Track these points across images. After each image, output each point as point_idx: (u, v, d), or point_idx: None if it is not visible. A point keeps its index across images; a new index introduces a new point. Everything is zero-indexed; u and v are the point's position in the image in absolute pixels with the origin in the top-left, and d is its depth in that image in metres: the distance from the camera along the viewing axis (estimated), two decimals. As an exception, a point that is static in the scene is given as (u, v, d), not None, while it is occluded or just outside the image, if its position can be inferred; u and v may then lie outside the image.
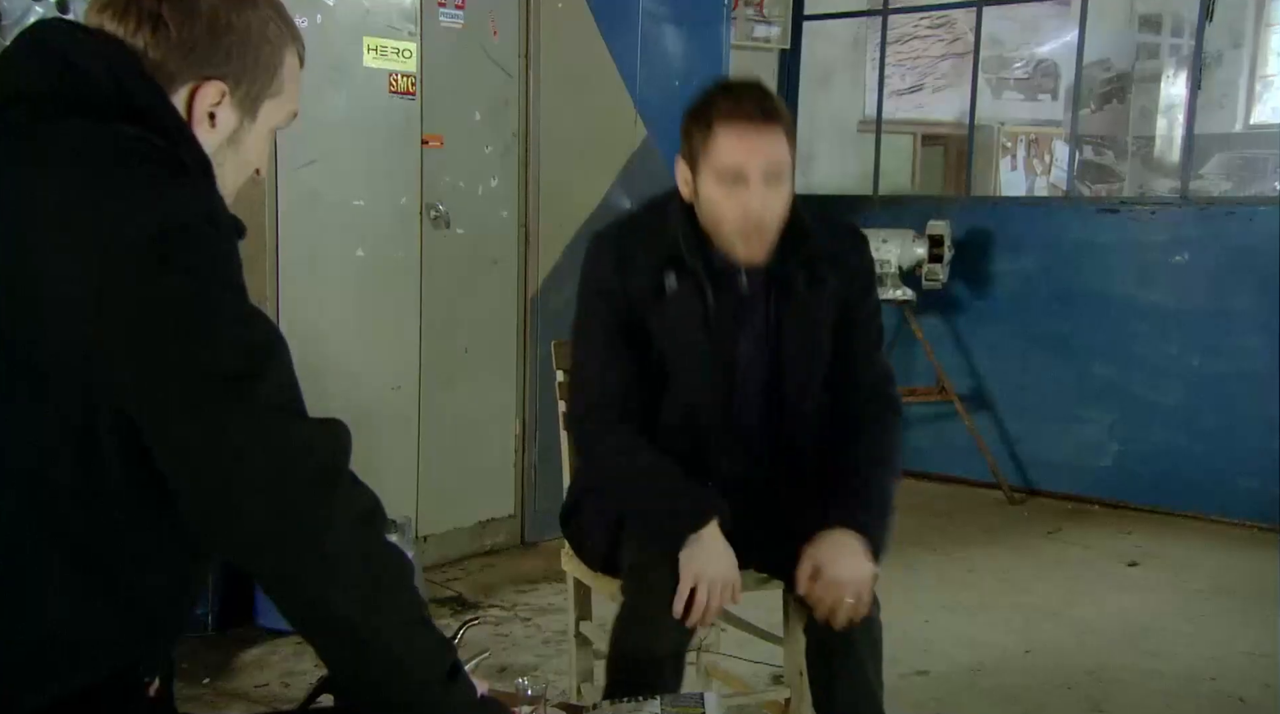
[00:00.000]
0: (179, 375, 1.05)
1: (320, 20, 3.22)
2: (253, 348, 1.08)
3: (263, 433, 1.07)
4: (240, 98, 1.21)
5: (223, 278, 1.09)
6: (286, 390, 1.11)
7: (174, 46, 1.16)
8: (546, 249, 3.90)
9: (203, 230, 1.08)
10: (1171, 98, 6.46)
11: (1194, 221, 4.42)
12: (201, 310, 1.06)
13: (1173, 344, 4.44)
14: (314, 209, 3.30)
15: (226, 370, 1.06)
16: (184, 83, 1.18)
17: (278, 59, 1.23)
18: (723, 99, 1.91)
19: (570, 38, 3.85)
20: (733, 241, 1.95)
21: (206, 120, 1.19)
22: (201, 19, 1.17)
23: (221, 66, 1.19)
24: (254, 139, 1.25)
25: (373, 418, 3.48)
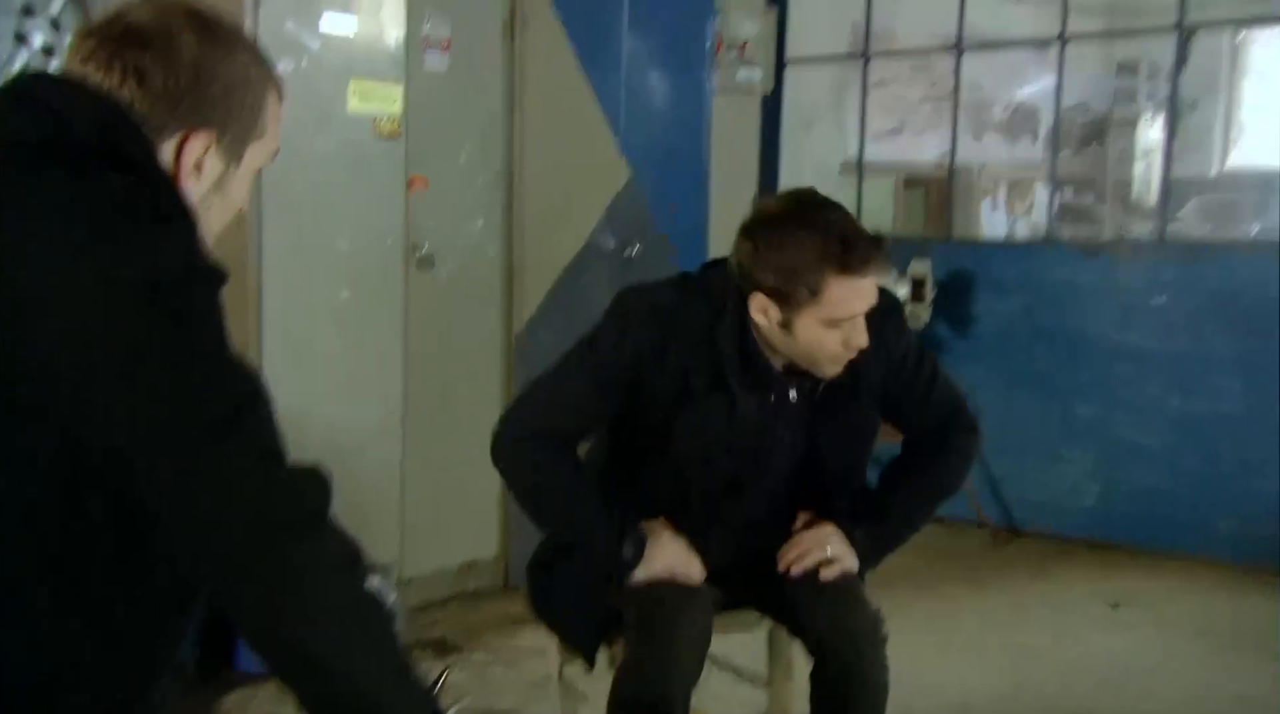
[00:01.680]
0: (165, 421, 1.05)
1: (305, 65, 3.24)
2: (236, 394, 1.09)
3: (245, 477, 1.07)
4: (226, 144, 1.23)
5: (207, 326, 1.10)
6: (269, 437, 1.11)
7: (159, 98, 1.17)
8: (532, 289, 3.91)
9: (187, 280, 1.09)
10: (1149, 141, 6.53)
11: (1172, 264, 4.47)
12: (187, 357, 1.07)
13: (1153, 385, 4.47)
14: (298, 252, 3.30)
15: (211, 415, 1.06)
16: (172, 133, 1.19)
17: (260, 103, 1.25)
18: (839, 252, 1.84)
19: (555, 80, 3.89)
20: (824, 368, 1.95)
21: (194, 169, 1.21)
22: (186, 70, 1.18)
23: (207, 116, 1.20)
24: (239, 182, 1.27)
25: (356, 459, 3.47)
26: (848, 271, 1.84)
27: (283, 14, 3.18)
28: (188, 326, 1.08)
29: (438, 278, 3.64)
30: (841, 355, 1.92)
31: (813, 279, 1.85)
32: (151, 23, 1.19)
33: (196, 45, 1.19)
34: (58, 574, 1.09)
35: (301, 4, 3.22)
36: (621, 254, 4.12)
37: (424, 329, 3.62)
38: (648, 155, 4.16)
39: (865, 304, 1.88)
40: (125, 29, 1.18)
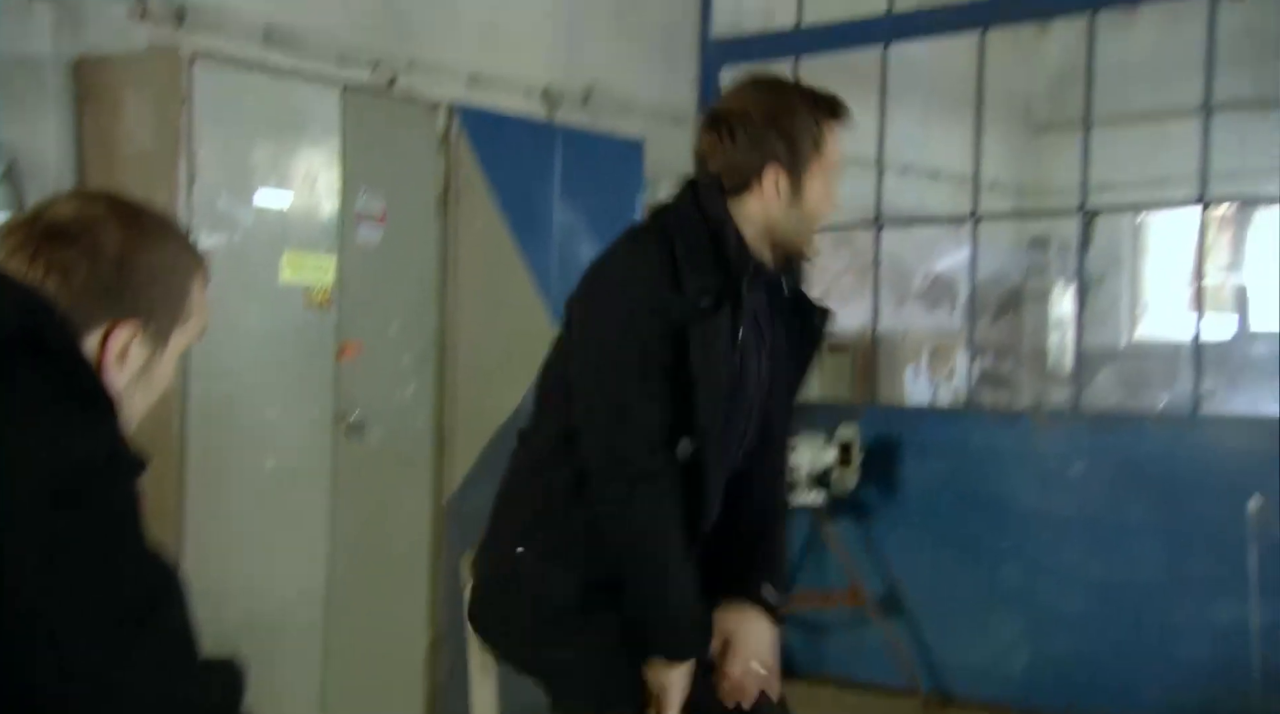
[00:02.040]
0: (71, 618, 1.04)
1: (238, 239, 3.30)
2: (148, 590, 1.08)
3: (152, 679, 1.05)
4: (151, 333, 1.24)
5: (123, 519, 1.09)
6: (180, 633, 1.10)
7: (83, 293, 1.19)
8: (462, 455, 3.92)
9: (105, 472, 1.09)
10: (1062, 312, 6.82)
11: (1086, 433, 4.60)
12: (98, 552, 1.06)
13: (1075, 552, 4.54)
14: (224, 421, 3.29)
15: (118, 614, 1.05)
16: (96, 326, 1.20)
17: (186, 289, 1.27)
18: (824, 101, 1.91)
19: (488, 250, 3.98)
20: (811, 241, 1.95)
21: (119, 358, 1.22)
22: (109, 264, 1.20)
23: (132, 307, 1.22)
24: (164, 366, 1.28)
25: (277, 632, 3.39)
26: (836, 116, 1.91)
27: (216, 189, 3.25)
28: (102, 520, 1.07)
29: (367, 445, 3.63)
30: (829, 215, 1.95)
31: (816, 131, 1.87)
32: (75, 217, 1.21)
33: (120, 239, 1.21)
34: None
35: (235, 179, 3.29)
36: (552, 419, 4.15)
37: (352, 497, 3.59)
38: (579, 322, 4.24)
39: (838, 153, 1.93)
40: (48, 225, 1.20)
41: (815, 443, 4.77)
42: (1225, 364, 5.84)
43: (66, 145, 3.35)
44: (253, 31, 3.81)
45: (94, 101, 3.36)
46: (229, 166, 3.28)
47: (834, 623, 4.97)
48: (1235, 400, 5.73)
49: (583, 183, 4.26)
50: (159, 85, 3.23)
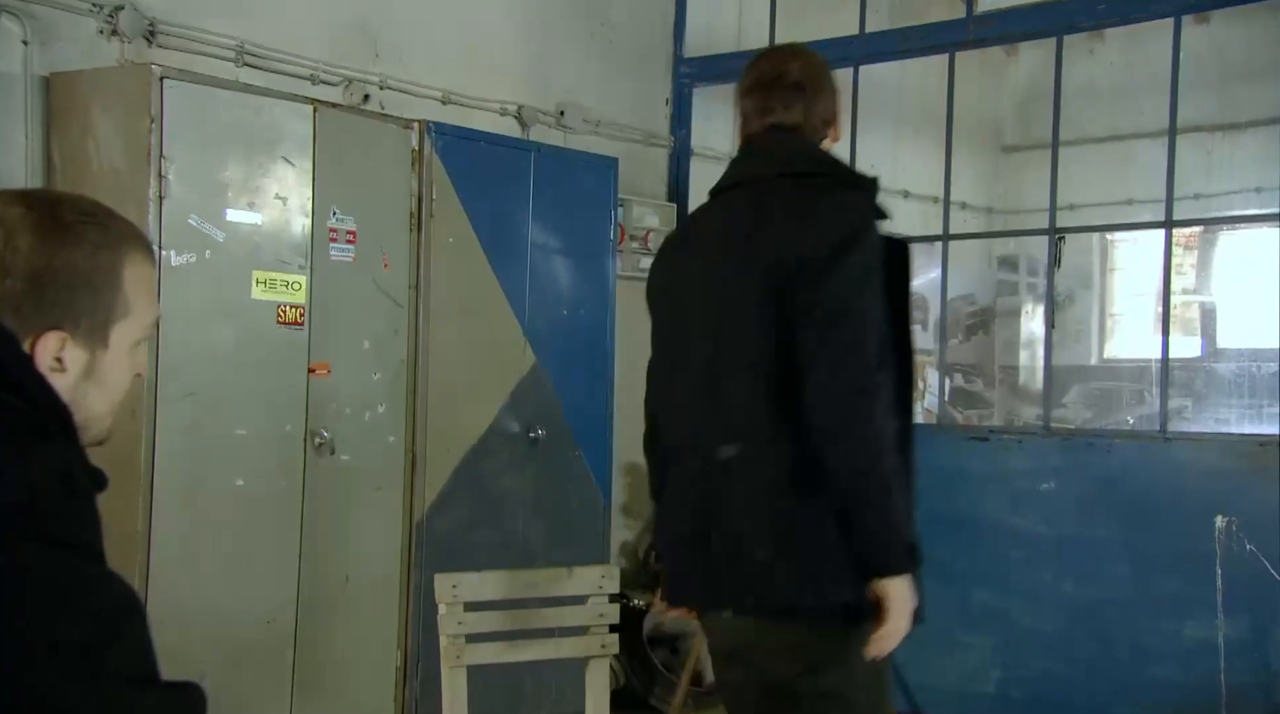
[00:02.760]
0: (20, 649, 1.02)
1: (209, 256, 3.28)
2: (103, 617, 1.07)
3: (106, 705, 1.04)
4: (84, 336, 1.19)
5: (74, 544, 1.07)
6: (136, 658, 1.08)
7: (1, 307, 1.14)
8: (433, 475, 3.90)
9: (58, 496, 1.07)
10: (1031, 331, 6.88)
11: (1057, 451, 4.63)
12: (48, 581, 1.04)
13: (1046, 571, 4.56)
14: (193, 439, 3.26)
15: (71, 643, 1.04)
16: (23, 338, 1.16)
17: (114, 284, 1.21)
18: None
19: (460, 269, 3.97)
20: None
21: (55, 366, 1.17)
22: (21, 276, 1.15)
23: (52, 317, 1.17)
24: (112, 363, 1.23)
25: (246, 653, 3.35)
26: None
27: (187, 206, 3.23)
28: (53, 548, 1.05)
29: (338, 464, 3.61)
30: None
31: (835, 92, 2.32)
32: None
33: (32, 246, 1.16)
34: None
35: (206, 197, 3.27)
36: (527, 436, 4.15)
37: (322, 516, 3.57)
38: (553, 339, 4.24)
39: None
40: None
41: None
42: (1193, 383, 5.91)
43: (36, 161, 3.32)
44: (224, 49, 3.80)
45: (64, 118, 3.34)
46: (200, 184, 3.26)
47: (807, 642, 4.97)
48: (1203, 419, 5.79)
49: (556, 201, 4.27)
50: (129, 102, 3.21)
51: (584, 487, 4.33)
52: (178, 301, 3.21)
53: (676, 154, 5.51)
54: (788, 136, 2.24)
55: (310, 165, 3.51)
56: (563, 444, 4.26)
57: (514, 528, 4.11)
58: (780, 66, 2.28)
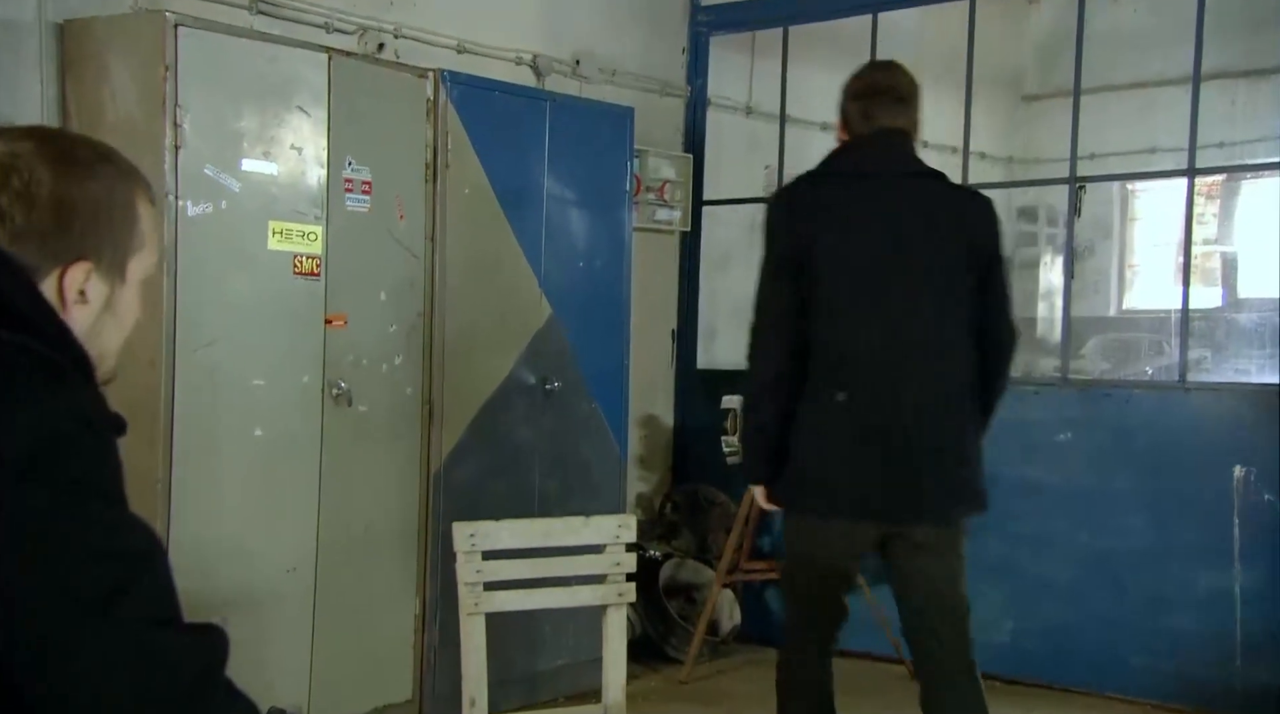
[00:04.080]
0: (42, 591, 1.03)
1: (225, 206, 3.27)
2: (123, 560, 1.07)
3: (127, 648, 1.05)
4: (106, 267, 1.21)
5: (94, 487, 1.08)
6: (158, 600, 1.09)
7: (25, 240, 1.15)
8: (450, 426, 3.91)
9: (77, 439, 1.07)
10: (1050, 283, 6.83)
11: (1074, 402, 4.61)
12: (68, 525, 1.05)
13: (1062, 521, 4.56)
14: (212, 389, 3.28)
15: (91, 586, 1.04)
16: (49, 271, 1.17)
17: (132, 216, 1.23)
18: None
19: (476, 220, 3.96)
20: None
21: (79, 299, 1.19)
22: (46, 207, 1.16)
23: (79, 247, 1.18)
24: (128, 298, 1.25)
25: (266, 601, 3.39)
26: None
27: (202, 158, 3.22)
28: (71, 496, 1.06)
29: (355, 414, 3.62)
30: None
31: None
32: (3, 159, 1.16)
33: (53, 178, 1.16)
34: None
35: (221, 146, 3.27)
36: (543, 388, 4.15)
37: (340, 467, 3.59)
38: (568, 292, 4.24)
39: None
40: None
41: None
42: (1213, 333, 5.87)
43: (52, 110, 3.31)
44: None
45: (79, 66, 3.32)
46: (215, 134, 3.25)
47: (822, 591, 4.99)
48: (1222, 369, 5.76)
49: (572, 151, 4.24)
50: (144, 49, 3.19)
51: (600, 438, 4.34)
52: (195, 252, 3.21)
53: (693, 104, 5.46)
54: (904, 139, 2.88)
55: (325, 115, 3.49)
56: (578, 396, 4.27)
57: (530, 479, 4.13)
58: (892, 78, 2.92)
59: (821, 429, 2.78)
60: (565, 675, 4.16)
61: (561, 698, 4.03)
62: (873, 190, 2.82)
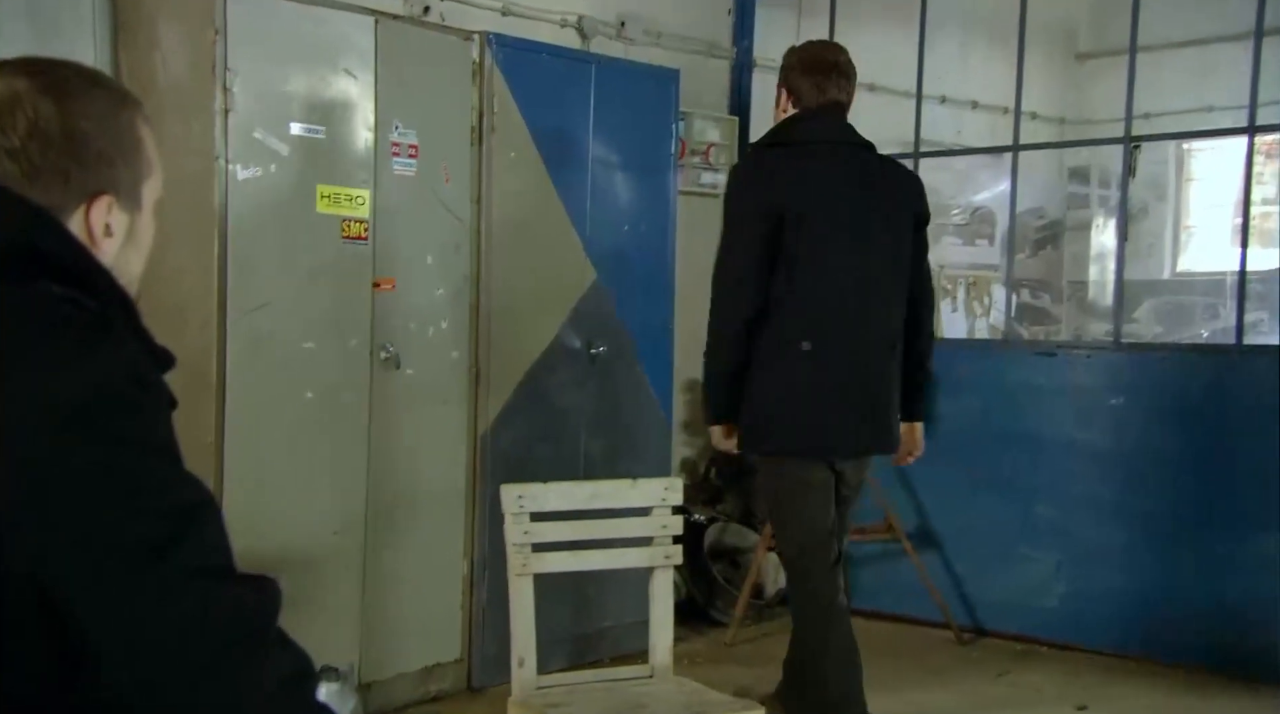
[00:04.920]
0: (97, 546, 1.04)
1: (274, 169, 3.29)
2: (176, 512, 1.08)
3: (181, 599, 1.06)
4: (124, 198, 1.20)
5: (146, 441, 1.09)
6: (211, 552, 1.10)
7: (45, 180, 1.14)
8: (496, 389, 3.93)
9: (128, 394, 1.08)
10: (1102, 245, 6.72)
11: (1128, 366, 4.55)
12: (123, 480, 1.06)
13: (1113, 486, 4.51)
14: (263, 352, 3.31)
15: (144, 537, 1.05)
16: (73, 209, 1.16)
17: (137, 140, 1.22)
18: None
19: (521, 184, 3.95)
20: None
21: (105, 233, 1.18)
22: (59, 143, 1.14)
23: (97, 180, 1.17)
24: (145, 224, 1.24)
25: (316, 561, 3.44)
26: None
27: (252, 122, 3.24)
28: (124, 447, 1.06)
29: (403, 378, 3.65)
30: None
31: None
32: (4, 99, 1.14)
33: (58, 112, 1.15)
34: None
35: (271, 112, 3.28)
36: (588, 352, 4.16)
37: (388, 429, 3.62)
38: (613, 255, 4.23)
39: None
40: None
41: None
42: (1270, 296, 5.75)
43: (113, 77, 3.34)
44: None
45: (131, 30, 3.35)
46: (264, 97, 3.26)
47: (867, 556, 4.99)
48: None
49: (617, 114, 4.22)
50: (194, 14, 3.21)
51: (645, 402, 4.34)
52: (245, 215, 3.23)
53: (738, 66, 5.40)
54: (844, 111, 3.26)
55: (372, 78, 3.50)
56: (624, 360, 4.27)
57: (575, 443, 4.15)
58: (840, 54, 3.26)
59: (789, 375, 3.11)
60: (610, 637, 4.19)
61: (607, 659, 4.06)
62: (832, 156, 3.19)
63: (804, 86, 3.18)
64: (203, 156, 3.18)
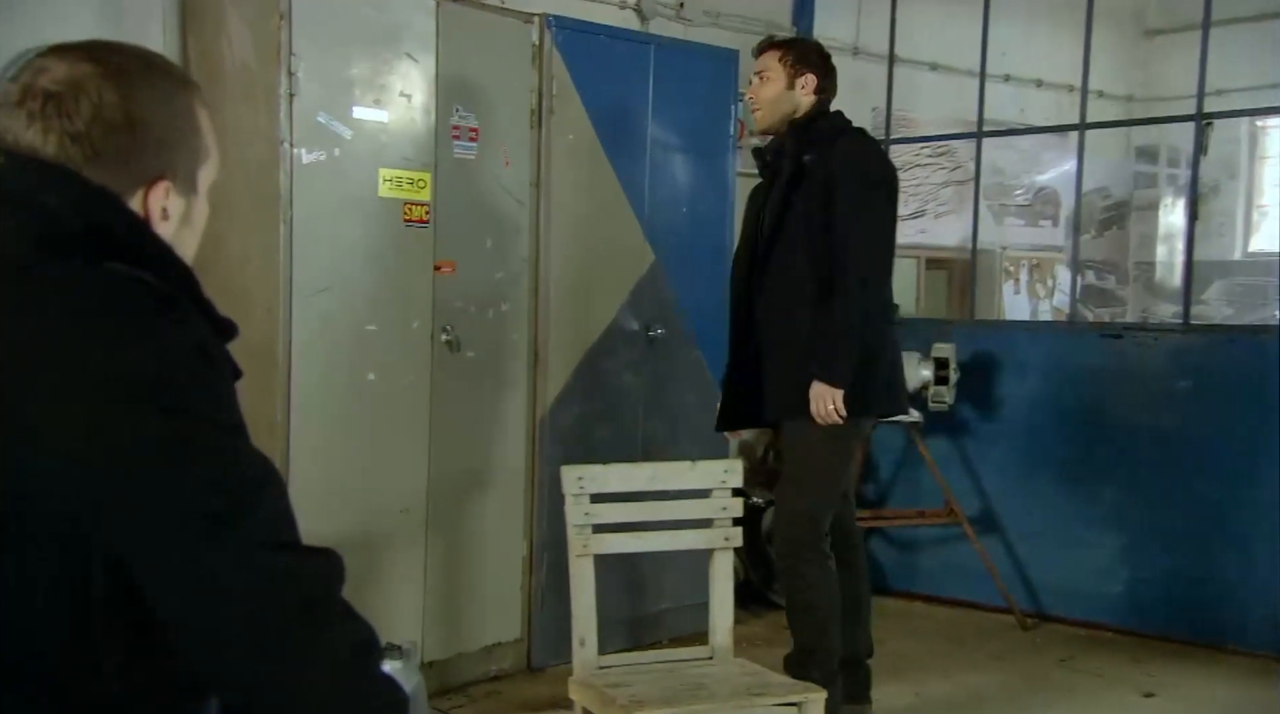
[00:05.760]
0: (165, 517, 1.07)
1: (338, 153, 3.32)
2: (241, 485, 1.10)
3: (247, 570, 1.08)
4: (181, 182, 1.22)
5: (213, 417, 1.11)
6: (277, 524, 1.12)
7: (108, 164, 1.16)
8: (556, 371, 3.95)
9: (195, 370, 1.10)
10: (1170, 225, 6.58)
11: (1197, 348, 4.46)
12: (190, 452, 1.08)
13: (1180, 470, 4.43)
14: (327, 335, 3.35)
15: (212, 508, 1.07)
16: (132, 193, 1.18)
17: (195, 125, 1.23)
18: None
19: (580, 167, 3.96)
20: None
21: (162, 217, 1.20)
22: (121, 128, 1.16)
23: (156, 164, 1.19)
24: (200, 207, 1.26)
25: (380, 539, 3.48)
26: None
27: (316, 106, 3.27)
28: (190, 421, 1.08)
29: (463, 360, 3.68)
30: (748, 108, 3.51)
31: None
32: (69, 84, 1.16)
33: (120, 98, 1.16)
34: (59, 684, 1.09)
35: (335, 96, 3.31)
36: (646, 335, 4.16)
37: (449, 411, 3.65)
38: (672, 237, 4.22)
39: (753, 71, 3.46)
40: (46, 97, 1.15)
41: (911, 360, 4.70)
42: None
43: (173, 60, 3.39)
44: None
45: (199, 16, 3.39)
46: (328, 82, 3.29)
47: (928, 540, 4.95)
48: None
49: (676, 95, 4.20)
50: (259, 0, 3.25)
51: (702, 385, 4.33)
52: (309, 199, 3.27)
53: (798, 45, 5.34)
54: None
55: (433, 61, 3.51)
56: (681, 343, 4.27)
57: (633, 425, 4.15)
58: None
59: (876, 336, 3.31)
60: (668, 619, 4.21)
61: (665, 640, 4.08)
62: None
63: (829, 85, 3.40)
64: (268, 141, 3.22)
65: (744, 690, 2.68)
